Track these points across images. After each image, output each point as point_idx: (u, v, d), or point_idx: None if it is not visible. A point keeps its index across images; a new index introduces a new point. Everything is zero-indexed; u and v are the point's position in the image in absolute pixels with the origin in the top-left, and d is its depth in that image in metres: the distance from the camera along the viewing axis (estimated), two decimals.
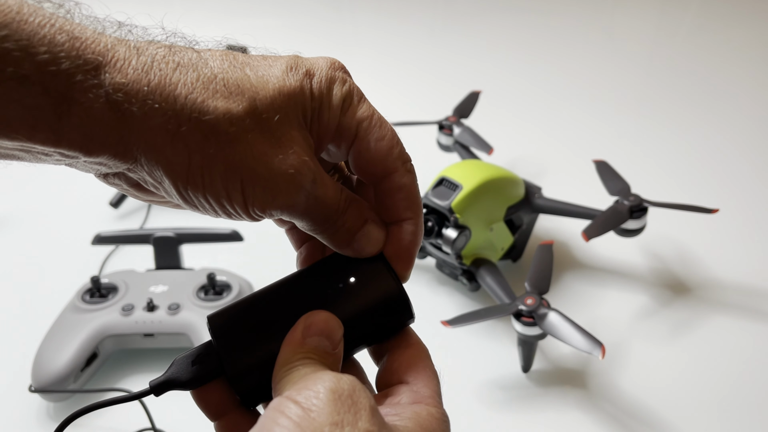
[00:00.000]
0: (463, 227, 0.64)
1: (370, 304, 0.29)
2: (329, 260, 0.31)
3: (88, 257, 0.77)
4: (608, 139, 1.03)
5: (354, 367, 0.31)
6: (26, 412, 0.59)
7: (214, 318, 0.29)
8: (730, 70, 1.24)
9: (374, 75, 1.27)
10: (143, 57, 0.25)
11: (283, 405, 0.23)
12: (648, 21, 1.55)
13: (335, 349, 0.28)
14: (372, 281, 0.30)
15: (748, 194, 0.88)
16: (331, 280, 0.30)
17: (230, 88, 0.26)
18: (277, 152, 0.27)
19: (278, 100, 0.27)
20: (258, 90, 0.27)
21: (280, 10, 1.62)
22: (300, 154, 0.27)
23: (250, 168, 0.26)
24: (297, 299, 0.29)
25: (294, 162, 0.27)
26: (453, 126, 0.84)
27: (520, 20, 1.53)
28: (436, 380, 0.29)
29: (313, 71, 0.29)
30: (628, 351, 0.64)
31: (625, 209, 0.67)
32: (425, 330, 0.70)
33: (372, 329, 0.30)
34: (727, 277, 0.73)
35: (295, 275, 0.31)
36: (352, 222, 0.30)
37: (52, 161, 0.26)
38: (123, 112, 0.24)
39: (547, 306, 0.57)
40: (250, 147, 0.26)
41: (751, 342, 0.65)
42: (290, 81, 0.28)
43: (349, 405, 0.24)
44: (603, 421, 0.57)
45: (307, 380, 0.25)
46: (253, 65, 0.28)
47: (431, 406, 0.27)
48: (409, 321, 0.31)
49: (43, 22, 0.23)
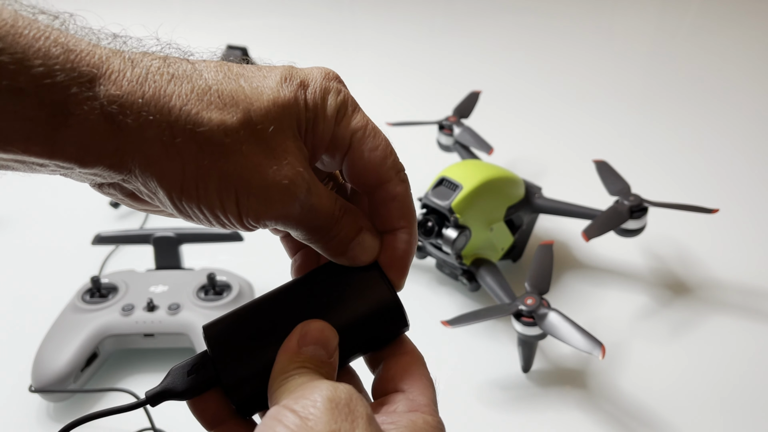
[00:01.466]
0: (463, 227, 0.64)
1: (365, 312, 0.30)
2: (324, 269, 0.31)
3: (88, 257, 0.77)
4: (608, 139, 1.03)
5: (350, 375, 0.31)
6: (26, 412, 0.59)
7: (210, 328, 0.29)
8: (730, 70, 1.25)
9: (374, 75, 1.27)
10: (138, 69, 0.25)
11: (281, 414, 0.24)
12: (648, 21, 1.55)
13: (331, 358, 0.28)
14: (367, 290, 0.30)
15: (748, 194, 0.88)
16: (327, 288, 0.30)
17: (225, 100, 0.26)
18: (271, 163, 0.27)
19: (273, 111, 0.27)
20: (252, 101, 0.27)
21: (280, 11, 1.62)
22: (294, 165, 0.27)
23: (245, 179, 0.26)
24: (292, 308, 0.29)
25: (288, 172, 0.27)
26: (453, 126, 0.84)
27: (520, 20, 1.53)
28: (432, 388, 0.29)
29: (308, 82, 0.29)
30: (628, 351, 0.64)
31: (625, 209, 0.67)
32: (425, 330, 0.70)
33: (367, 338, 0.30)
34: (727, 277, 0.73)
35: (291, 284, 0.31)
36: (347, 231, 0.30)
37: (47, 172, 0.26)
38: (118, 124, 0.24)
39: (547, 306, 0.57)
40: (244, 158, 0.26)
41: (751, 342, 0.65)
42: (284, 92, 0.28)
43: (346, 413, 0.24)
44: (603, 421, 0.57)
45: (304, 389, 0.25)
46: (248, 76, 0.28)
47: (427, 414, 0.27)
48: (403, 329, 0.31)
49: (38, 35, 0.23)
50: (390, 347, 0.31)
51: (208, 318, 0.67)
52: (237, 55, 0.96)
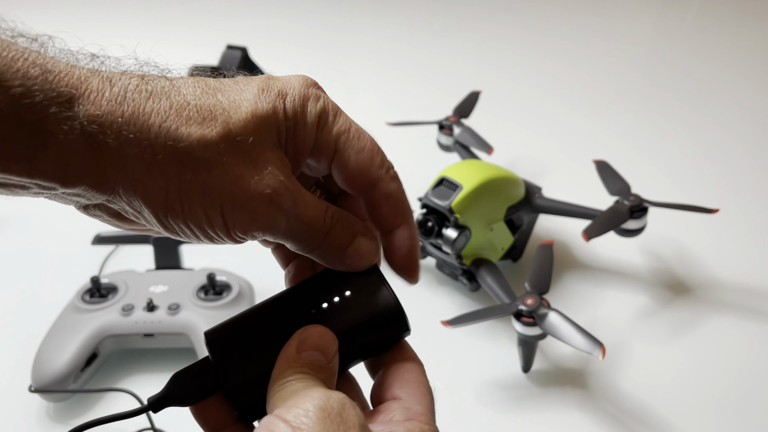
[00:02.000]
0: (463, 227, 0.64)
1: (366, 317, 0.30)
2: (324, 274, 0.31)
3: (88, 257, 0.77)
4: (608, 139, 1.03)
5: (349, 381, 0.31)
6: (26, 412, 0.59)
7: (211, 333, 0.29)
8: (730, 71, 1.25)
9: (374, 75, 1.27)
10: (116, 88, 0.25)
11: (273, 424, 0.24)
12: (648, 21, 1.55)
13: (329, 363, 0.28)
14: (367, 294, 0.30)
15: (747, 194, 0.88)
16: (327, 294, 0.30)
17: (203, 114, 0.27)
18: (252, 174, 0.27)
19: (251, 123, 0.27)
20: (231, 114, 0.27)
21: (280, 11, 1.62)
22: (276, 175, 0.27)
23: (228, 191, 0.26)
24: (293, 314, 0.29)
25: (271, 182, 0.27)
26: (453, 126, 0.84)
27: (520, 20, 1.53)
28: (430, 397, 0.29)
29: (286, 91, 0.29)
30: (628, 351, 0.64)
31: (625, 209, 0.67)
32: (425, 330, 0.70)
33: (367, 343, 0.30)
34: (727, 277, 0.73)
35: (291, 289, 0.31)
36: (341, 238, 0.30)
37: (30, 194, 0.26)
38: (98, 144, 0.25)
39: (547, 306, 0.57)
40: (226, 170, 0.26)
41: (751, 342, 0.65)
42: (263, 103, 0.28)
43: (339, 423, 0.24)
44: (603, 421, 0.57)
45: (297, 398, 0.25)
46: (225, 90, 0.28)
47: (423, 423, 0.27)
48: (404, 334, 0.31)
49: (17, 56, 0.23)
50: (390, 353, 0.31)
51: (208, 318, 0.67)
52: (237, 55, 0.96)
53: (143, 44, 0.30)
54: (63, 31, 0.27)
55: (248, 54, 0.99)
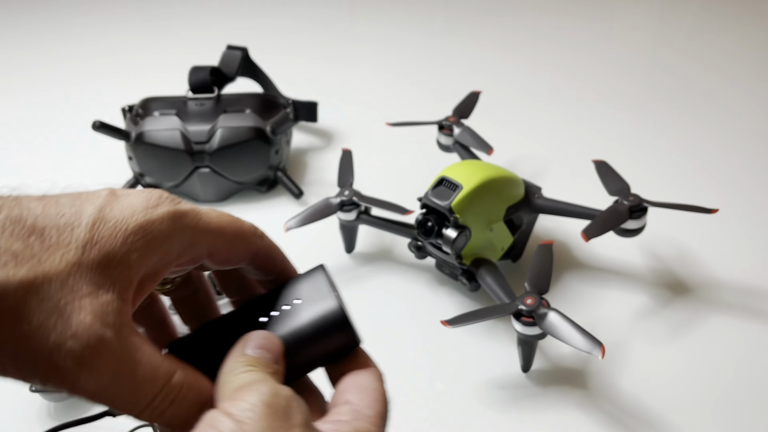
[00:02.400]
0: (463, 227, 0.64)
1: (312, 326, 0.31)
2: (280, 287, 0.33)
3: None
4: (608, 139, 1.03)
5: (309, 390, 0.32)
6: (26, 412, 0.59)
7: (173, 345, 0.32)
8: (730, 71, 1.25)
9: (374, 75, 1.27)
10: None
11: (216, 420, 0.24)
12: (648, 21, 1.55)
13: (276, 363, 0.28)
14: (315, 304, 0.31)
15: (747, 194, 0.88)
16: (278, 303, 0.32)
17: (4, 259, 0.24)
18: (56, 325, 0.24)
19: (64, 270, 0.24)
20: (42, 259, 0.24)
21: (280, 11, 1.62)
22: (91, 324, 0.24)
23: (23, 345, 0.23)
24: (245, 324, 0.31)
25: (79, 331, 0.24)
26: (453, 126, 0.84)
27: (520, 20, 1.53)
28: (384, 404, 0.29)
29: (117, 221, 0.26)
30: (628, 351, 0.64)
31: (625, 209, 0.67)
32: (425, 330, 0.70)
33: (316, 351, 0.31)
34: (727, 277, 0.73)
35: (248, 302, 0.33)
36: (177, 408, 0.27)
37: None
38: None
39: (547, 306, 0.57)
40: (23, 322, 0.23)
41: (751, 342, 0.65)
42: (86, 249, 0.25)
43: (284, 420, 0.24)
44: (603, 421, 0.57)
45: (245, 390, 0.25)
46: (44, 232, 0.25)
47: (371, 425, 0.27)
48: (354, 344, 0.32)
49: None
50: (347, 362, 0.31)
51: None
52: (237, 55, 0.96)
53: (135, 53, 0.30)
54: (62, 31, 0.27)
55: (248, 54, 0.99)
